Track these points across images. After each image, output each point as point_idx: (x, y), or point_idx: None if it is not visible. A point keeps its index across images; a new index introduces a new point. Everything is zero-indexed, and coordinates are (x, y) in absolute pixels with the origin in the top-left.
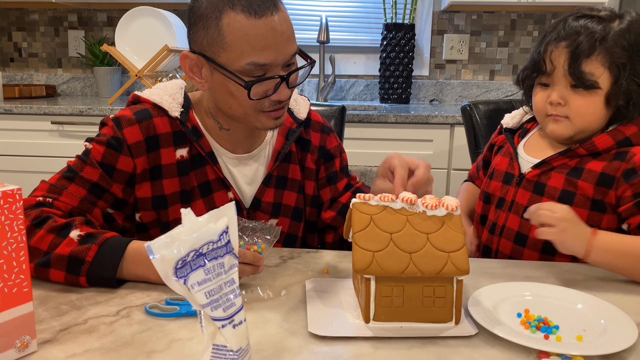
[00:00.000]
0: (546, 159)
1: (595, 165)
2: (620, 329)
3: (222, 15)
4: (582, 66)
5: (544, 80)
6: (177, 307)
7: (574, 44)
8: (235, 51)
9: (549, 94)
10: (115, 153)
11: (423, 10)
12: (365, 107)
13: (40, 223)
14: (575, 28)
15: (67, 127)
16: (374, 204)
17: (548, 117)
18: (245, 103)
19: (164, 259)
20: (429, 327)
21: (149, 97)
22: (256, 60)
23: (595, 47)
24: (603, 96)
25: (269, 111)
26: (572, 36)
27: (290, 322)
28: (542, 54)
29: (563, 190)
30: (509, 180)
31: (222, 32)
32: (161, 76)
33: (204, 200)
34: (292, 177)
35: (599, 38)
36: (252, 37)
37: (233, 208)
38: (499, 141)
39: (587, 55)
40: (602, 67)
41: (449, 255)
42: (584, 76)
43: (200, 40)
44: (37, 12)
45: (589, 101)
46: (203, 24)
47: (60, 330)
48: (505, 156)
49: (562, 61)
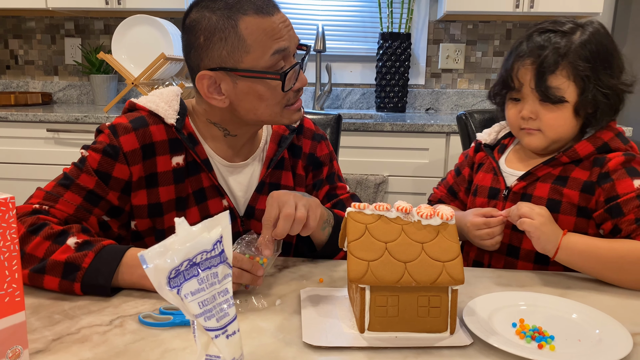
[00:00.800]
0: (531, 169)
1: (579, 173)
2: (616, 339)
3: (238, 22)
4: (548, 82)
5: (514, 96)
6: (171, 316)
7: (538, 61)
8: (258, 49)
9: (520, 108)
10: (112, 161)
11: (419, 20)
12: (361, 116)
13: (37, 230)
14: (538, 44)
15: (62, 135)
16: (369, 213)
17: (522, 131)
18: (274, 101)
19: (157, 268)
20: (424, 337)
21: (145, 104)
22: (278, 46)
23: (558, 62)
24: (571, 108)
25: (293, 103)
26: (536, 52)
27: (285, 332)
28: (509, 71)
29: (549, 199)
30: (495, 195)
31: (242, 37)
32: (157, 84)
33: (198, 208)
34: (285, 183)
35: (562, 53)
36: (269, 31)
37: (227, 217)
38: (478, 159)
39: (552, 70)
40: (568, 81)
41: (443, 265)
42: (550, 91)
43: (218, 53)
44: (33, 19)
45: (558, 114)
46: (219, 36)
47: (53, 340)
48: (488, 172)
49: (528, 78)
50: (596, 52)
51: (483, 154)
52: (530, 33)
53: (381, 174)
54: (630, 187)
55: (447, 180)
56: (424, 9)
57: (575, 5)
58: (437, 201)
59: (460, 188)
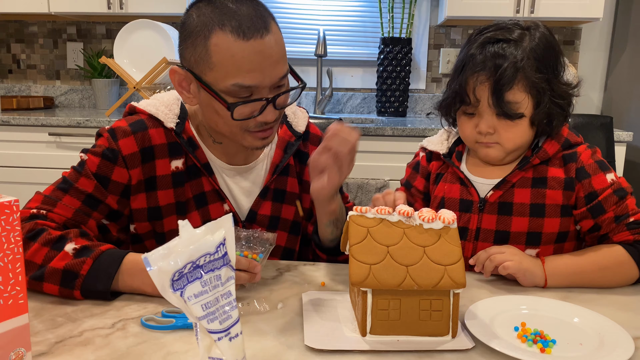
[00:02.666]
0: (506, 177)
1: (555, 172)
2: (617, 343)
3: (211, 34)
4: (506, 98)
5: (469, 110)
6: (173, 319)
7: (495, 76)
8: (220, 71)
9: (476, 123)
10: (110, 164)
11: (420, 25)
12: (362, 120)
13: (35, 236)
14: (492, 56)
15: (64, 139)
16: (370, 216)
17: (478, 144)
18: (231, 122)
19: (161, 270)
20: (426, 341)
21: (145, 108)
22: (241, 82)
23: (515, 77)
24: (528, 120)
25: (256, 131)
26: (491, 66)
27: (287, 336)
28: (463, 86)
29: (532, 204)
30: (468, 207)
31: (209, 52)
32: (159, 88)
33: (199, 212)
34: (291, 190)
35: (518, 66)
36: (238, 59)
37: (230, 220)
38: (434, 169)
39: (510, 86)
40: (524, 93)
41: (445, 269)
42: (509, 108)
43: (188, 57)
44: (36, 24)
45: (516, 127)
46: (192, 41)
47: (56, 343)
48: (454, 183)
49: (486, 95)
50: (546, 58)
51: (439, 163)
52: (481, 42)
53: (382, 178)
54: (605, 182)
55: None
56: (424, 14)
57: (575, 10)
58: None
59: (415, 200)
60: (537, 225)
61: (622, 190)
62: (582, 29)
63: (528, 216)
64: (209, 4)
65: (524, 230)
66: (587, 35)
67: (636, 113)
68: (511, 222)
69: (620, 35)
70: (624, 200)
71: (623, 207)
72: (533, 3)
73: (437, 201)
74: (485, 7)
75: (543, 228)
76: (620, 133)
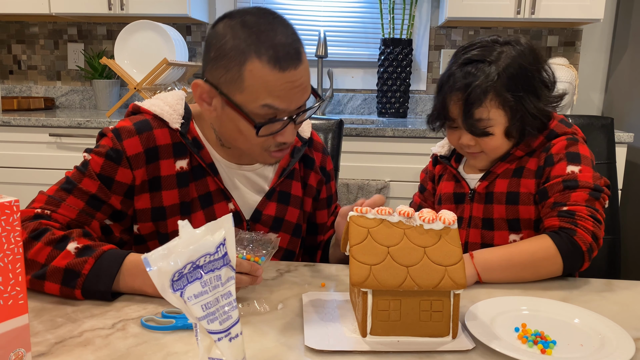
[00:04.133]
0: (490, 169)
1: (532, 162)
2: (618, 344)
3: (247, 61)
4: (476, 115)
5: (452, 125)
6: (173, 320)
7: (464, 95)
8: (251, 94)
9: (459, 135)
10: (114, 165)
11: (420, 26)
12: (362, 121)
13: (38, 235)
14: (464, 76)
15: (65, 140)
16: (371, 217)
17: (466, 152)
18: (252, 141)
19: (161, 271)
20: (426, 342)
21: (150, 108)
22: (271, 102)
23: (485, 94)
24: (502, 134)
25: (274, 151)
26: (462, 86)
27: (287, 336)
28: (442, 104)
29: (508, 192)
30: (460, 199)
31: (242, 76)
32: (160, 89)
33: (204, 212)
34: (295, 193)
35: (487, 86)
36: (271, 86)
37: (230, 220)
38: (437, 171)
39: (479, 104)
40: (496, 109)
41: (446, 269)
42: (477, 125)
43: (218, 76)
44: (37, 25)
45: (492, 140)
46: (225, 63)
47: (56, 343)
48: (449, 180)
49: (458, 112)
50: (518, 76)
51: (441, 165)
52: (461, 62)
53: (383, 179)
54: (562, 172)
55: (415, 201)
56: (425, 15)
57: (576, 11)
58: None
59: (428, 204)
60: (514, 212)
61: (575, 182)
62: (582, 30)
63: (504, 204)
64: (243, 26)
65: (504, 217)
66: (587, 37)
67: (637, 114)
68: (493, 209)
69: (621, 37)
70: (570, 191)
71: (565, 196)
72: (534, 4)
73: (437, 199)
74: (485, 8)
75: (519, 214)
76: (621, 134)
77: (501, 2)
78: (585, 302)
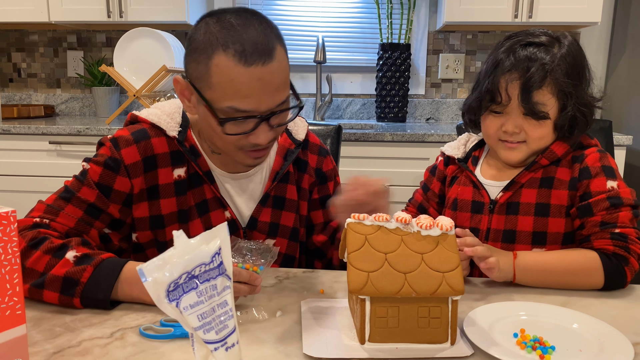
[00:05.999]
0: (514, 178)
1: (562, 172)
2: (617, 349)
3: (214, 55)
4: (534, 97)
5: (497, 109)
6: (172, 328)
7: (525, 76)
8: (218, 92)
9: (502, 122)
10: (113, 174)
11: (418, 30)
12: (361, 126)
13: (37, 244)
14: (524, 58)
15: (64, 147)
16: (368, 223)
17: (501, 143)
18: (225, 138)
19: (156, 282)
20: (425, 348)
21: (147, 116)
22: (236, 105)
23: (545, 78)
24: (552, 123)
25: (249, 151)
26: (522, 67)
27: (285, 344)
28: (496, 84)
29: (537, 203)
30: (479, 209)
31: (209, 71)
32: (159, 96)
33: (201, 220)
34: (290, 197)
35: (548, 69)
36: (236, 84)
37: (226, 229)
38: (450, 172)
39: (539, 86)
40: (551, 96)
41: (443, 276)
42: (536, 107)
43: (191, 70)
44: (36, 33)
45: (541, 128)
46: (196, 57)
47: (54, 353)
48: (467, 185)
49: (516, 93)
50: (574, 66)
51: (455, 167)
52: (511, 45)
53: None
54: (603, 187)
55: (416, 199)
56: (423, 20)
57: (573, 14)
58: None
59: (430, 204)
60: (542, 224)
61: (619, 199)
62: (580, 33)
63: (533, 215)
64: (218, 21)
65: (529, 229)
66: (585, 40)
67: (635, 116)
68: (517, 221)
69: (618, 39)
70: (616, 210)
71: (613, 216)
72: (531, 8)
73: (450, 202)
74: (483, 12)
75: (548, 227)
76: (619, 137)
77: (499, 6)
78: (584, 306)
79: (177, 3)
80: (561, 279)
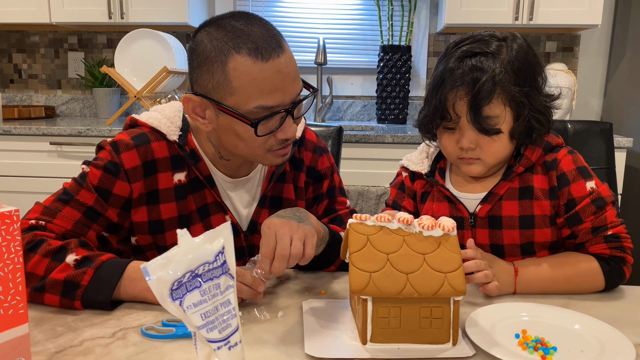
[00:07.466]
0: (492, 190)
1: (539, 181)
2: (618, 350)
3: (228, 59)
4: (484, 112)
5: (450, 126)
6: (174, 328)
7: (473, 91)
8: (242, 95)
9: (457, 138)
10: (112, 178)
11: (419, 32)
12: (362, 128)
13: (34, 247)
14: (470, 70)
15: (65, 148)
16: (370, 224)
17: (460, 159)
18: (253, 144)
19: (160, 280)
20: (426, 349)
21: (147, 120)
22: (264, 103)
23: (494, 91)
24: (507, 134)
25: (277, 149)
26: (469, 80)
27: (287, 344)
28: (443, 102)
29: (521, 216)
30: (459, 224)
31: (228, 77)
32: (160, 97)
33: (202, 224)
34: (287, 196)
35: (497, 80)
36: (259, 81)
37: (229, 228)
38: (419, 188)
39: (488, 101)
40: (503, 106)
41: (445, 276)
42: (488, 123)
43: (205, 83)
44: (37, 34)
45: (496, 143)
46: (208, 67)
47: (56, 353)
48: (441, 201)
49: (465, 110)
50: (524, 70)
51: (423, 181)
52: (459, 56)
53: (383, 185)
54: (584, 191)
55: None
56: (424, 22)
57: (574, 17)
58: None
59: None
60: (528, 236)
61: (601, 199)
62: (581, 35)
63: (518, 228)
64: (219, 28)
65: (517, 242)
66: (586, 42)
67: (636, 119)
68: (503, 235)
69: (619, 42)
70: (602, 211)
71: (602, 218)
72: (532, 10)
73: None
74: (484, 14)
75: (534, 238)
76: (620, 139)
77: (499, 9)
78: (586, 307)
79: (178, 4)
80: (562, 288)
